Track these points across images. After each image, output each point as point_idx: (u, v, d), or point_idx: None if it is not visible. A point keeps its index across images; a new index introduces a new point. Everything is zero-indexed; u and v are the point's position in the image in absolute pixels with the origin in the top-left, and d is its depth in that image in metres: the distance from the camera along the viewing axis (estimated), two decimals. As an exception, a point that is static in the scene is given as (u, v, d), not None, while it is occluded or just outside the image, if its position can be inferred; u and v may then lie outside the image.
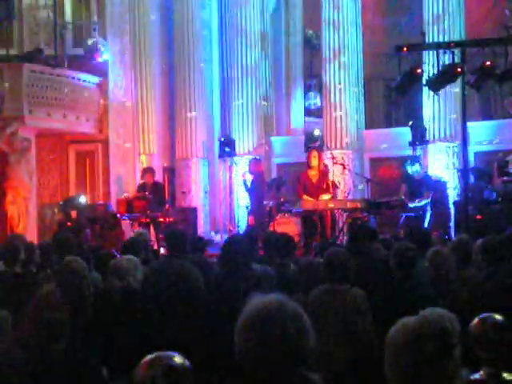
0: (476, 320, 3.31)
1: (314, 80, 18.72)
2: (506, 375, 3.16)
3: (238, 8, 17.28)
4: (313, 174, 12.97)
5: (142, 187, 13.99)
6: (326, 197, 12.72)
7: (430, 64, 13.11)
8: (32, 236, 13.25)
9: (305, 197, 12.77)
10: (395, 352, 2.27)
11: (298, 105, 19.19)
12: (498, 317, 3.30)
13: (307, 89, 19.34)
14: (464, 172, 11.79)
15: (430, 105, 15.55)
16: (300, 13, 19.31)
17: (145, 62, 16.67)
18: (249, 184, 14.38)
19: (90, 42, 15.58)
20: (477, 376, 3.14)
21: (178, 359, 2.38)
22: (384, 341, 2.37)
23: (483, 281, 5.00)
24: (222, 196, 17.39)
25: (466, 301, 4.95)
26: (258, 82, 17.35)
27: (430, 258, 6.09)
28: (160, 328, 4.47)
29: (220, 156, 16.81)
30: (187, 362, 2.38)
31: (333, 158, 14.32)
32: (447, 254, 6.16)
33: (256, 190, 14.20)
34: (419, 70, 11.99)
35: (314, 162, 12.93)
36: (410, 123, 15.32)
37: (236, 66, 17.39)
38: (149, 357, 2.36)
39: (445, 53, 11.68)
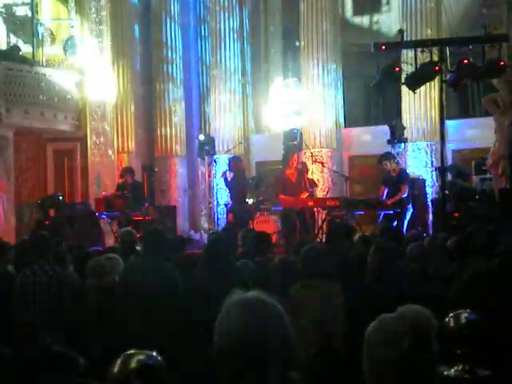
0: (450, 316, 3.33)
1: (293, 78, 18.70)
2: (480, 371, 3.19)
3: (216, 7, 17.28)
4: (291, 172, 13.04)
5: (121, 186, 13.94)
6: (304, 195, 12.81)
7: (409, 62, 13.16)
8: (10, 235, 13.17)
9: (282, 197, 12.81)
10: (373, 348, 2.29)
11: (277, 103, 19.16)
12: (471, 313, 3.33)
13: (286, 87, 19.31)
14: (442, 170, 11.83)
15: (409, 103, 15.61)
16: (279, 10, 19.30)
17: (124, 59, 16.59)
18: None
19: (68, 39, 15.47)
20: (451, 372, 3.16)
21: (153, 357, 2.37)
22: (359, 337, 2.38)
23: (457, 276, 5.04)
24: (202, 194, 17.37)
25: (442, 297, 4.98)
26: (238, 80, 17.35)
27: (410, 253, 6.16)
28: (135, 326, 4.47)
29: (199, 154, 16.79)
30: (162, 361, 2.38)
31: (312, 156, 14.35)
32: (426, 250, 6.23)
33: (236, 188, 14.19)
34: (398, 69, 12.01)
35: (294, 163, 13.06)
36: (390, 121, 15.36)
37: (215, 65, 17.37)
38: (124, 354, 2.36)
39: (423, 51, 11.71)
